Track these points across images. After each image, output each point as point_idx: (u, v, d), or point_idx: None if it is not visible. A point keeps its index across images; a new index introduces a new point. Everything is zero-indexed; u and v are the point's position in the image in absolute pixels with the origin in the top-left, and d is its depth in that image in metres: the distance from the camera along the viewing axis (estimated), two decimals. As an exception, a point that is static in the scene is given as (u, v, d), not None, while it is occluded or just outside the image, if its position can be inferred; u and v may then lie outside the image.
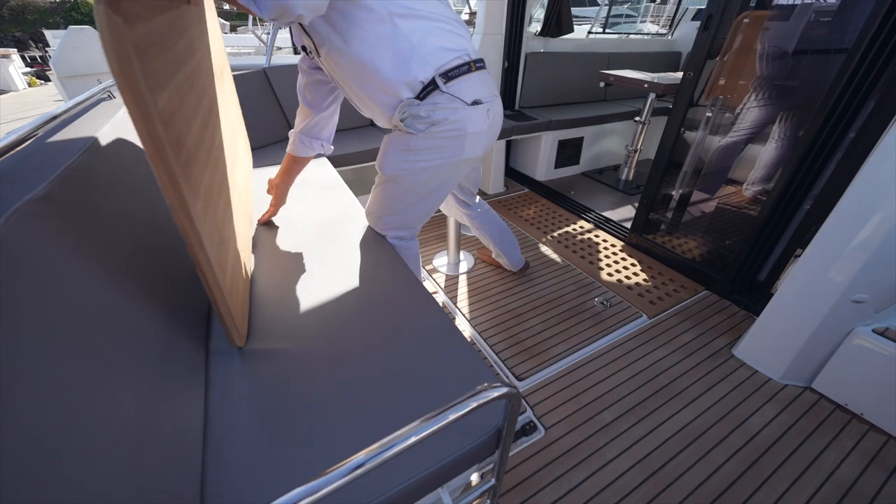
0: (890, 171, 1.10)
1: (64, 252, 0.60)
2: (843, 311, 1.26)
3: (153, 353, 0.67)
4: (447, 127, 1.05)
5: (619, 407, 1.33)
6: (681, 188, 2.02)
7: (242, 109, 2.11)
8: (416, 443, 0.47)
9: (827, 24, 1.48)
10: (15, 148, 0.74)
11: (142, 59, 0.53)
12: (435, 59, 1.00)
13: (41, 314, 0.49)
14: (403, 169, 1.14)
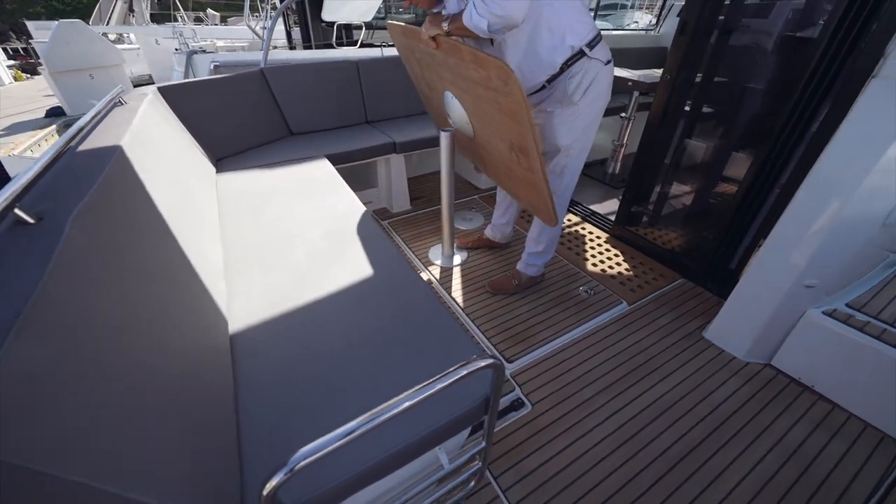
0: (835, 170, 1.23)
1: (111, 248, 0.71)
2: (797, 295, 1.41)
3: (187, 331, 0.79)
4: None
5: (599, 384, 1.47)
6: (660, 184, 2.15)
7: (241, 110, 2.21)
8: (417, 404, 0.59)
9: (787, 36, 1.60)
10: (55, 161, 0.83)
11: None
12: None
13: (104, 300, 0.61)
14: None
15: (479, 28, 1.17)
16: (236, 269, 1.24)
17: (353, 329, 1.03)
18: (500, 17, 1.13)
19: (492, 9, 1.11)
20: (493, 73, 1.05)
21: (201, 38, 8.17)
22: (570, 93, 1.35)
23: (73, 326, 0.52)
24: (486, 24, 1.14)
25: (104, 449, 0.46)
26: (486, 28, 1.16)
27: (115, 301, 0.63)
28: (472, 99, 1.34)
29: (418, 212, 2.62)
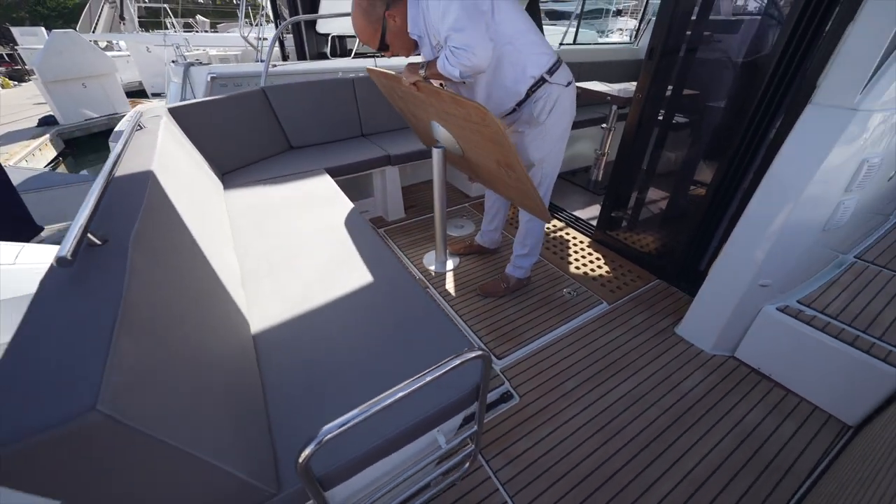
0: (782, 181, 1.40)
1: (160, 263, 0.84)
2: (753, 294, 1.58)
3: (221, 331, 0.93)
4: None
5: (579, 377, 1.63)
6: (637, 191, 2.32)
7: (243, 126, 2.34)
8: (418, 390, 0.73)
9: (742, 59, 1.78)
10: (107, 189, 0.96)
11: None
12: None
13: (163, 305, 0.74)
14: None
15: (452, 75, 1.34)
16: (251, 278, 1.37)
17: (359, 328, 1.17)
18: (469, 67, 1.30)
19: (461, 60, 1.28)
20: (471, 111, 1.22)
21: (193, 45, 8.23)
22: (536, 115, 1.52)
23: (151, 328, 0.66)
24: (458, 72, 1.32)
25: (179, 418, 0.60)
26: (458, 75, 1.33)
27: (170, 305, 0.76)
28: (456, 128, 1.49)
29: (412, 220, 2.76)
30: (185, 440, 0.59)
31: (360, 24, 1.40)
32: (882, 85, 1.21)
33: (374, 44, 1.42)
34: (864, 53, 1.19)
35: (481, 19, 1.30)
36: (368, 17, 1.38)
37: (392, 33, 1.41)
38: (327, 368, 1.04)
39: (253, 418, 0.84)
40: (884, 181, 1.55)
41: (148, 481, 0.58)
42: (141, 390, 0.56)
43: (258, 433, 0.83)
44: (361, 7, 1.37)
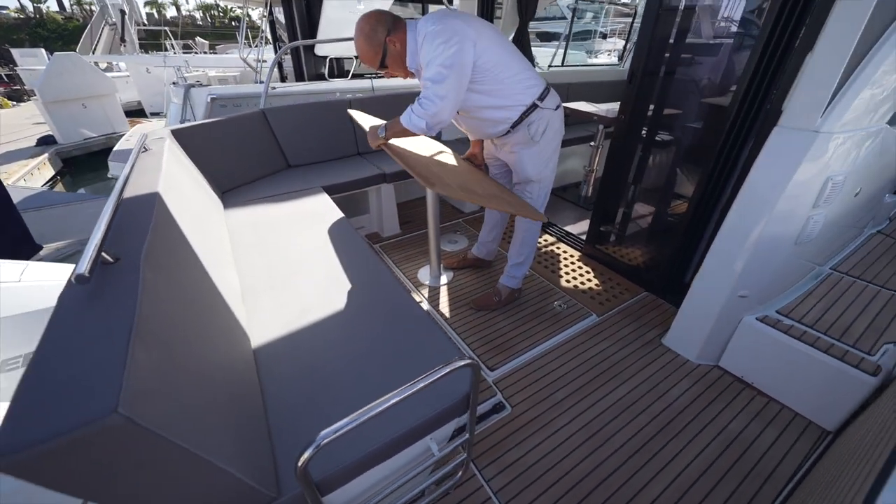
0: (755, 197, 1.49)
1: (169, 279, 0.90)
2: (733, 304, 1.65)
3: (223, 335, 0.98)
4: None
5: (569, 388, 1.68)
6: (623, 206, 2.42)
7: (244, 147, 2.42)
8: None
9: (715, 82, 1.90)
10: (118, 209, 1.03)
11: None
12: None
13: (173, 318, 0.80)
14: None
15: (418, 127, 1.46)
16: (251, 293, 1.42)
17: (354, 340, 1.22)
18: (437, 121, 1.43)
19: (429, 111, 1.41)
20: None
21: (193, 67, 8.42)
22: (531, 135, 1.65)
23: (161, 340, 0.71)
24: (426, 123, 1.44)
25: (188, 423, 0.65)
26: (425, 126, 1.45)
27: (178, 319, 0.82)
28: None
29: (407, 235, 2.83)
30: (195, 443, 0.64)
31: (362, 47, 1.49)
32: (840, 109, 1.31)
33: (375, 65, 1.52)
34: (822, 80, 1.30)
35: (461, 77, 1.42)
36: (370, 41, 1.47)
37: (392, 57, 1.51)
38: (324, 378, 1.09)
39: (254, 425, 0.89)
40: (850, 197, 1.64)
41: (162, 482, 0.62)
42: (155, 396, 0.61)
43: (259, 439, 0.87)
44: (364, 31, 1.46)
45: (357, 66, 6.59)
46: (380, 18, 1.46)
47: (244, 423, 0.85)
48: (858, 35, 1.20)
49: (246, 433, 0.83)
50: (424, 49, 1.42)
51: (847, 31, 1.22)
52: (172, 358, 0.73)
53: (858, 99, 1.31)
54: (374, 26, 1.45)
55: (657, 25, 1.87)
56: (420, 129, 1.47)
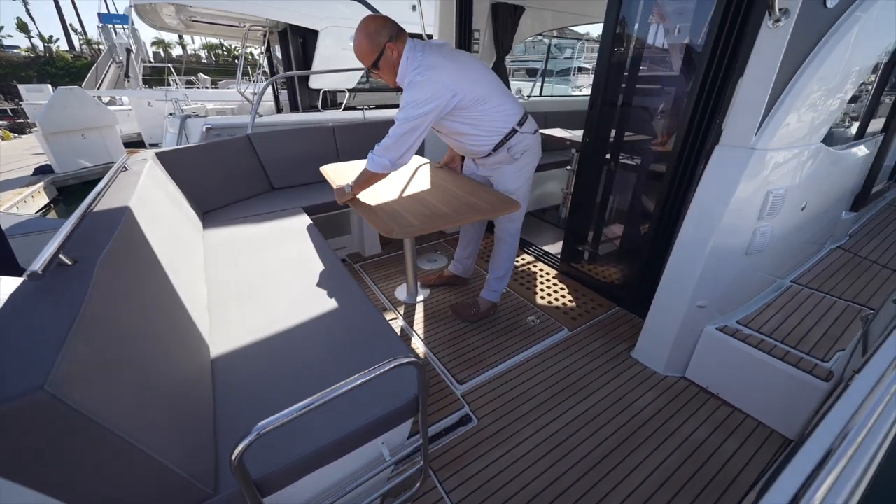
0: (704, 210, 1.57)
1: (126, 284, 0.94)
2: (694, 315, 1.69)
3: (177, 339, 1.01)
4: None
5: (536, 400, 1.68)
6: (594, 225, 2.50)
7: (228, 169, 2.52)
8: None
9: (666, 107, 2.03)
10: (83, 219, 1.08)
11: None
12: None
13: (124, 319, 0.84)
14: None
15: (382, 166, 1.60)
16: (218, 303, 1.46)
17: (314, 351, 1.25)
18: (400, 161, 1.61)
19: (392, 153, 1.58)
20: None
21: (192, 100, 8.75)
22: (511, 155, 1.80)
23: (106, 335, 0.75)
24: (389, 160, 1.59)
25: (124, 413, 0.68)
26: (389, 163, 1.59)
27: (130, 319, 0.85)
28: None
29: (388, 255, 2.89)
30: (128, 431, 0.66)
31: (363, 43, 1.54)
32: (771, 128, 1.42)
33: (368, 62, 1.58)
34: (753, 102, 1.41)
35: (422, 131, 1.56)
36: (372, 40, 1.53)
37: (386, 61, 1.58)
38: (279, 386, 1.11)
39: (199, 424, 0.90)
40: (797, 211, 1.73)
41: (94, 468, 0.64)
42: (90, 383, 0.65)
43: (203, 438, 0.89)
44: (368, 29, 1.53)
45: (350, 100, 6.89)
46: (386, 23, 1.55)
47: (189, 421, 0.87)
48: (779, 63, 1.32)
49: (189, 431, 0.85)
50: (405, 91, 1.55)
51: (769, 59, 1.34)
52: (117, 352, 0.77)
53: (788, 119, 1.42)
54: (379, 28, 1.53)
55: (612, 58, 2.02)
56: (385, 167, 1.61)
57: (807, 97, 1.43)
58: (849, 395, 0.73)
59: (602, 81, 2.08)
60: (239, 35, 7.11)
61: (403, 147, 1.57)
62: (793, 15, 1.26)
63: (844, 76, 1.53)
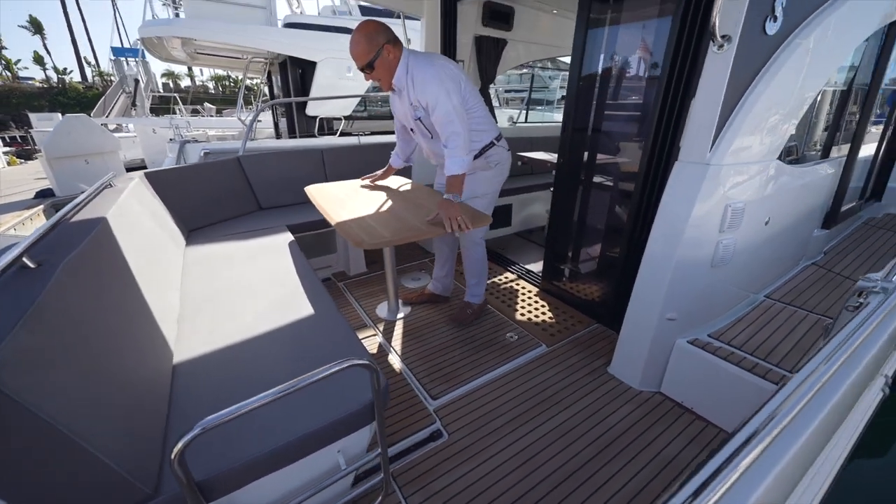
0: (667, 224, 1.62)
1: (91, 288, 0.97)
2: (664, 328, 1.71)
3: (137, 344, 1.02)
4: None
5: (509, 415, 1.67)
6: (572, 243, 2.54)
7: (217, 189, 2.59)
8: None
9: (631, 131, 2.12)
10: (55, 227, 1.13)
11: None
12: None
13: (84, 320, 0.86)
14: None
15: (467, 163, 1.79)
16: (189, 315, 1.48)
17: (278, 361, 1.26)
18: (469, 145, 1.79)
19: (465, 148, 1.76)
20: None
21: (195, 128, 9.04)
22: (489, 163, 2.03)
23: (58, 333, 0.77)
24: (466, 152, 1.77)
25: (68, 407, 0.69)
26: (469, 158, 1.80)
27: (91, 321, 0.88)
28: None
29: (373, 274, 2.92)
30: (67, 425, 0.68)
31: (360, 43, 1.64)
32: (724, 145, 1.49)
33: (363, 62, 1.68)
34: (705, 121, 1.49)
35: (460, 102, 1.74)
36: (370, 41, 1.64)
37: (382, 62, 1.70)
38: (237, 392, 1.11)
39: (148, 427, 0.91)
40: (761, 225, 1.78)
41: (31, 458, 0.65)
42: (31, 374, 0.67)
43: (151, 441, 0.89)
44: (366, 30, 1.65)
45: (346, 126, 7.12)
46: (383, 27, 1.68)
47: (138, 422, 0.88)
48: (725, 84, 1.41)
49: (137, 431, 0.86)
50: (427, 88, 1.70)
51: (716, 81, 1.43)
52: (68, 350, 0.79)
53: (740, 136, 1.49)
54: (378, 30, 1.66)
55: (580, 86, 2.13)
56: (468, 162, 1.79)
57: (757, 116, 1.51)
58: (780, 391, 0.75)
59: (571, 110, 2.19)
60: (241, 66, 7.44)
61: (465, 132, 1.73)
62: (734, 41, 1.36)
63: (793, 98, 1.62)
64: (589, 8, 1.97)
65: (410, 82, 1.75)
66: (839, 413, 1.05)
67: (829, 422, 0.93)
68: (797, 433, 0.67)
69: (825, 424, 0.86)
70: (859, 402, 1.27)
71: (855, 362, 0.96)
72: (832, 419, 0.98)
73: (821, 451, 0.96)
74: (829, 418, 0.91)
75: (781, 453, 0.62)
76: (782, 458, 0.62)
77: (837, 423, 1.06)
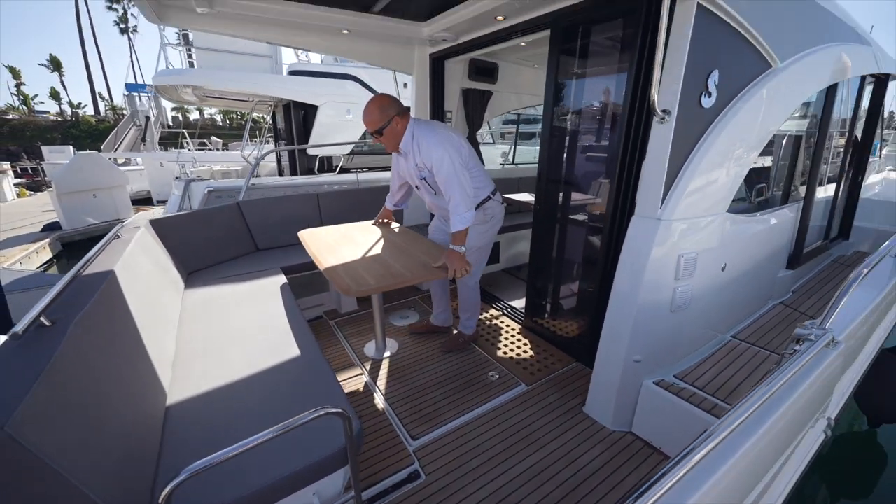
0: (628, 270, 1.75)
1: (99, 342, 1.10)
2: (631, 369, 1.81)
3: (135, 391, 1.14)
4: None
5: (486, 455, 1.74)
6: (552, 283, 2.67)
7: (217, 233, 2.75)
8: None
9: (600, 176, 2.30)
10: (75, 279, 1.27)
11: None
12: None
13: (93, 371, 0.98)
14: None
15: (470, 219, 1.98)
16: (183, 360, 1.59)
17: (264, 405, 1.37)
18: (472, 201, 2.01)
19: (467, 203, 1.97)
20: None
21: (200, 162, 9.40)
22: (485, 216, 2.23)
23: (69, 388, 0.89)
24: (466, 208, 1.97)
25: (74, 455, 0.80)
26: (471, 214, 1.98)
27: (97, 373, 1.00)
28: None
29: (363, 311, 3.03)
30: (71, 472, 0.79)
31: (374, 113, 1.92)
32: (673, 203, 1.65)
33: (374, 128, 1.96)
34: (655, 181, 1.66)
35: (464, 170, 2.00)
36: (383, 112, 1.93)
37: (391, 130, 1.97)
38: (224, 436, 1.22)
39: (141, 469, 1.01)
40: (717, 271, 1.92)
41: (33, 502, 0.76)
42: (46, 428, 0.78)
43: (142, 483, 0.99)
44: (380, 103, 1.94)
45: (346, 162, 7.43)
46: (395, 101, 1.97)
47: (132, 465, 0.98)
48: (668, 150, 1.59)
49: (131, 474, 0.96)
50: (432, 154, 1.95)
51: (661, 147, 1.61)
52: (77, 403, 0.91)
53: (687, 194, 1.66)
54: (390, 103, 1.95)
55: (552, 138, 2.34)
56: (471, 217, 1.98)
57: (701, 176, 1.68)
58: (719, 422, 0.87)
59: (545, 161, 2.38)
60: (248, 107, 7.85)
61: (466, 188, 1.96)
62: (673, 114, 1.54)
63: (734, 160, 1.80)
64: (557, 62, 2.18)
65: (416, 147, 2.01)
66: (774, 448, 1.15)
67: (760, 455, 1.04)
68: (715, 467, 0.79)
69: (754, 456, 0.98)
70: (800, 443, 1.36)
71: (776, 406, 1.07)
72: (765, 454, 1.09)
73: (756, 484, 1.06)
74: (760, 452, 1.02)
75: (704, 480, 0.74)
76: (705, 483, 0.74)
77: (771, 458, 1.16)
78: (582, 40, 2.14)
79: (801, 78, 1.98)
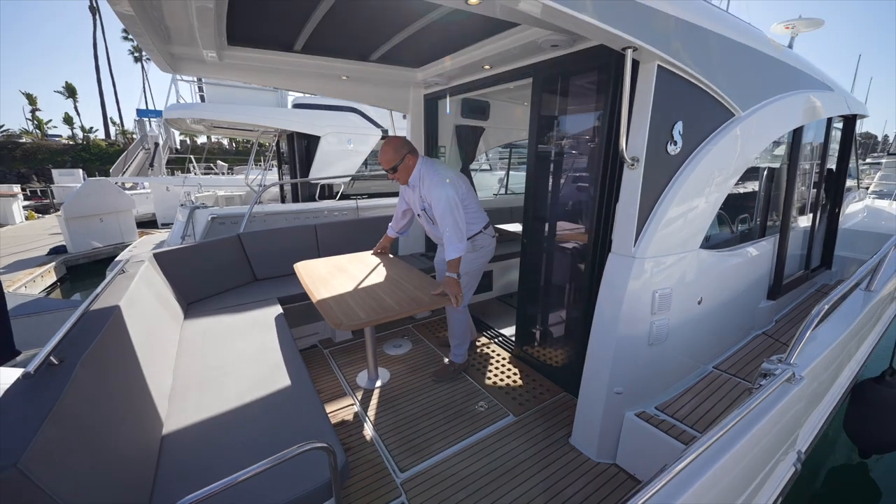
0: (606, 305, 1.83)
1: (103, 378, 1.19)
2: (613, 400, 1.86)
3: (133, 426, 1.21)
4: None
5: (472, 488, 1.78)
6: (540, 313, 2.75)
7: (217, 264, 2.86)
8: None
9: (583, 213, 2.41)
10: (84, 315, 1.36)
11: None
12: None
13: (97, 406, 1.07)
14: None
15: (462, 248, 2.22)
16: (179, 393, 1.66)
17: (251, 434, 1.43)
18: (464, 234, 2.25)
19: (459, 237, 2.20)
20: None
21: (205, 188, 9.66)
22: (474, 246, 2.49)
23: (75, 424, 0.98)
24: (458, 240, 2.19)
25: (77, 489, 0.88)
26: (463, 245, 2.21)
27: (101, 408, 1.08)
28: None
29: (357, 340, 3.10)
30: None
31: (389, 153, 2.25)
32: (646, 241, 1.75)
33: (389, 166, 2.28)
34: (628, 221, 1.76)
35: (459, 206, 2.24)
36: (397, 151, 2.27)
37: (404, 167, 2.31)
38: (214, 467, 1.28)
39: (136, 502, 1.07)
40: (693, 305, 2.00)
41: None
42: (54, 464, 0.86)
43: None
44: (395, 144, 2.28)
45: (347, 188, 7.63)
46: (406, 142, 2.32)
47: (128, 495, 1.05)
48: (639, 193, 1.70)
49: None
50: (432, 192, 2.24)
51: (632, 191, 1.72)
52: (81, 439, 0.99)
53: (659, 233, 1.76)
54: (403, 144, 2.30)
55: (537, 178, 2.47)
56: (463, 247, 2.22)
57: (672, 217, 1.79)
58: (679, 455, 0.94)
59: (531, 203, 2.50)
60: (253, 136, 8.14)
61: (459, 223, 2.21)
62: (641, 161, 1.67)
63: (703, 201, 1.91)
64: (539, 106, 2.34)
65: (421, 182, 2.34)
66: (741, 479, 1.21)
67: (725, 488, 1.10)
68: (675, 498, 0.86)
69: (717, 490, 1.04)
70: (769, 476, 1.41)
71: (737, 439, 1.14)
72: (733, 485, 1.15)
73: None
74: (724, 485, 1.09)
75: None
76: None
77: (737, 491, 1.21)
78: (561, 88, 2.31)
79: (766, 123, 2.12)
